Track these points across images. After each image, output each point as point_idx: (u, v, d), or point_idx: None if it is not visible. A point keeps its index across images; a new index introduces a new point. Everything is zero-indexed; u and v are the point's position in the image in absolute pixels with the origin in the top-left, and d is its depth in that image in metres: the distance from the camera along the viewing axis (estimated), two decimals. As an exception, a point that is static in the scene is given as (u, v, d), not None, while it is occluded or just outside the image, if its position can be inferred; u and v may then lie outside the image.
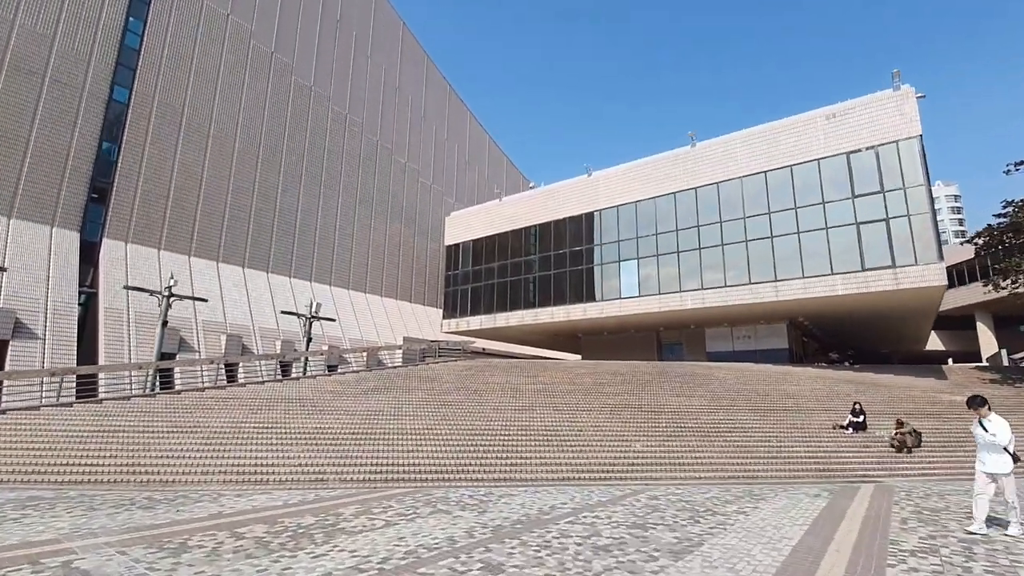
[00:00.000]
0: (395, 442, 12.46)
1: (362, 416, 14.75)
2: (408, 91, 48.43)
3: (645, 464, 11.84)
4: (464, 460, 11.48)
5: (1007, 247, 22.42)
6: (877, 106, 24.45)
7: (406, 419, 14.61)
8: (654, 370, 24.00)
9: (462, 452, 12.00)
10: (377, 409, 15.58)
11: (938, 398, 20.25)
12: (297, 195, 37.73)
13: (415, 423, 14.19)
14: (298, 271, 37.11)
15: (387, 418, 14.65)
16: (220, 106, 34.28)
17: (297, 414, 14.75)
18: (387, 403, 16.43)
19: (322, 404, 15.96)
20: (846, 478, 11.57)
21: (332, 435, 12.82)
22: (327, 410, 15.29)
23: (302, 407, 15.56)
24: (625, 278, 30.77)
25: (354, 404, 16.10)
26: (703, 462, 12.08)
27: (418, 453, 11.78)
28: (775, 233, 26.19)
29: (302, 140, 38.55)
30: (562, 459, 11.89)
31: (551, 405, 16.97)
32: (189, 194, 32.58)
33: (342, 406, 15.79)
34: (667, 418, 15.85)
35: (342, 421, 14.10)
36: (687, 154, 29.77)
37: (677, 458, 12.30)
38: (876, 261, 23.28)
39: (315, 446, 12.00)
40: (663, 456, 12.42)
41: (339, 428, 13.40)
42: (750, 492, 9.78)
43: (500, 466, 11.28)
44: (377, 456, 11.45)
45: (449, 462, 11.32)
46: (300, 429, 13.24)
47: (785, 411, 17.36)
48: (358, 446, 12.05)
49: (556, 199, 34.92)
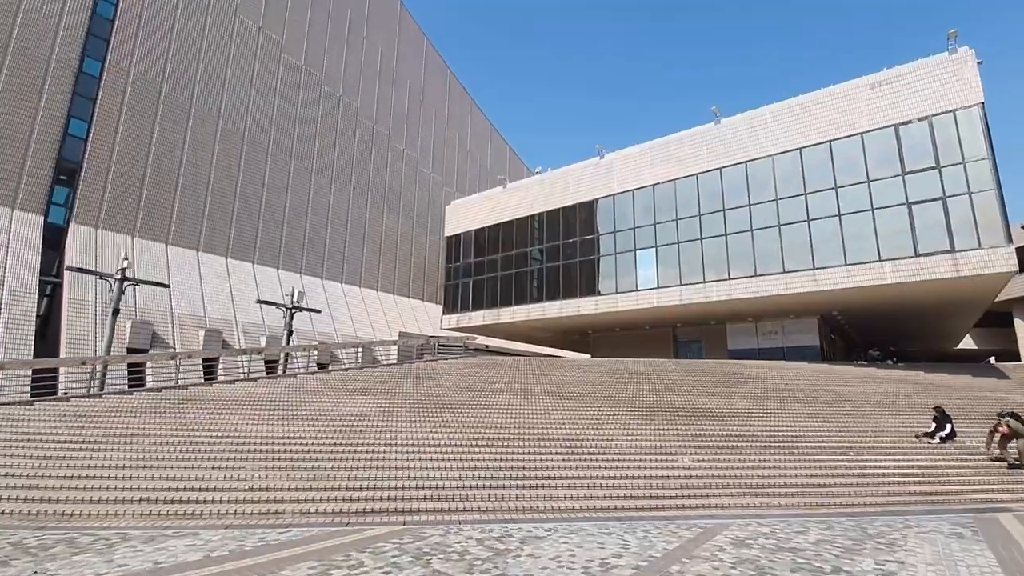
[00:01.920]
0: (381, 457, 9.81)
1: (343, 423, 12.10)
2: (406, 74, 45.80)
3: (701, 485, 9.19)
4: (469, 482, 8.83)
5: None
6: (930, 72, 21.77)
7: (397, 426, 11.95)
8: (679, 368, 21.36)
9: (466, 470, 9.35)
10: (363, 414, 12.93)
11: (1012, 400, 17.56)
12: (286, 180, 35.09)
13: (408, 431, 11.53)
14: (287, 262, 34.47)
15: (374, 425, 11.99)
16: (203, 83, 31.66)
17: (264, 420, 12.10)
18: (376, 406, 13.78)
19: (298, 407, 13.32)
20: (964, 504, 8.92)
21: (301, 448, 10.16)
22: (302, 415, 12.64)
23: (272, 411, 12.91)
24: (642, 268, 28.08)
25: (336, 407, 13.45)
26: (773, 483, 9.43)
27: (410, 472, 9.13)
28: (812, 216, 23.51)
29: (292, 121, 35.93)
30: (594, 479, 9.24)
31: (569, 409, 14.32)
32: (167, 178, 29.96)
33: (321, 410, 13.14)
34: (710, 424, 13.20)
35: (318, 429, 11.45)
36: (711, 132, 27.10)
37: (739, 477, 9.65)
38: (932, 245, 20.60)
39: (276, 463, 9.34)
40: (720, 474, 9.76)
41: (312, 438, 10.75)
42: (861, 529, 7.13)
43: (516, 490, 8.63)
44: (356, 477, 8.80)
45: (449, 484, 8.67)
46: (262, 440, 10.58)
47: (847, 416, 14.70)
48: (333, 463, 9.39)
49: (565, 184, 32.25)
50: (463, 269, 36.74)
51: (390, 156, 43.37)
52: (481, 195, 38.57)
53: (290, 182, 35.28)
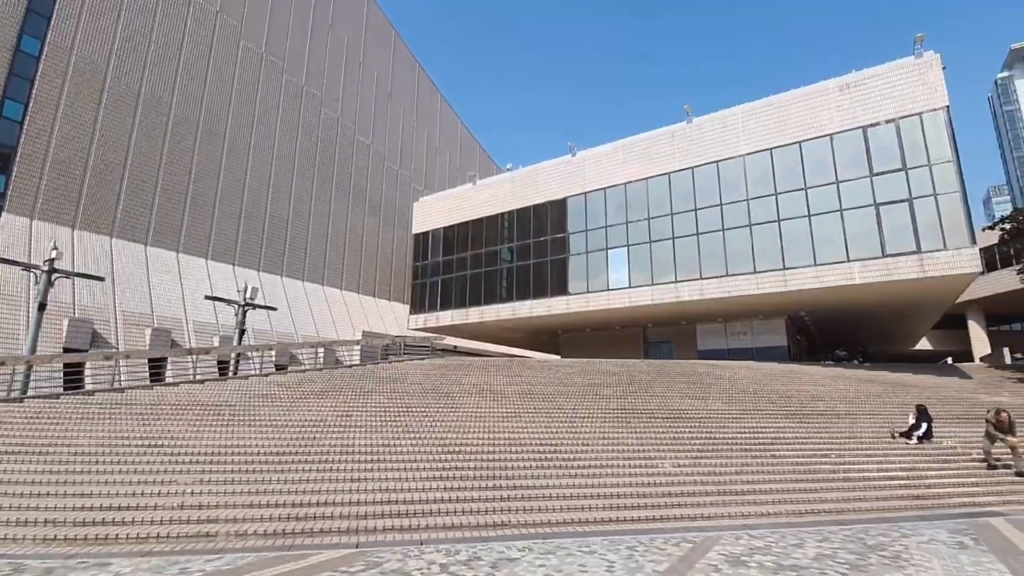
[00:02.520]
0: (335, 467, 8.83)
1: (296, 429, 11.03)
2: (373, 67, 44.42)
3: (685, 492, 8.56)
4: (434, 494, 7.96)
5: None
6: (897, 75, 22.04)
7: (356, 432, 10.96)
8: (651, 369, 20.92)
9: (431, 480, 8.48)
10: (319, 419, 11.87)
11: (978, 399, 17.75)
12: (244, 172, 33.33)
13: (367, 438, 10.56)
14: (244, 258, 32.72)
15: (330, 431, 10.97)
16: (153, 68, 29.71)
17: (206, 427, 10.92)
18: (333, 410, 12.73)
19: (246, 412, 12.15)
20: (953, 509, 8.57)
21: (244, 458, 9.09)
22: (249, 421, 11.50)
23: (217, 416, 11.72)
24: (614, 268, 27.67)
25: (289, 412, 12.34)
26: (759, 489, 8.89)
27: (367, 484, 8.20)
28: (782, 216, 23.52)
29: (251, 111, 34.19)
30: (571, 488, 8.51)
31: (542, 411, 13.58)
32: (112, 167, 27.93)
33: (272, 415, 12.01)
34: (687, 426, 12.67)
35: (265, 436, 10.36)
36: (682, 131, 26.92)
37: (723, 483, 9.08)
38: (899, 246, 20.79)
39: (214, 476, 8.26)
40: (704, 479, 9.17)
41: (258, 447, 9.67)
42: (859, 540, 6.60)
43: (486, 502, 7.81)
44: (304, 491, 7.81)
45: (412, 497, 7.79)
46: (200, 449, 9.45)
47: (822, 416, 14.42)
48: (279, 475, 8.38)
49: (537, 182, 31.63)
50: (431, 268, 35.69)
51: (356, 151, 41.92)
52: (450, 192, 37.61)
53: (248, 174, 33.54)
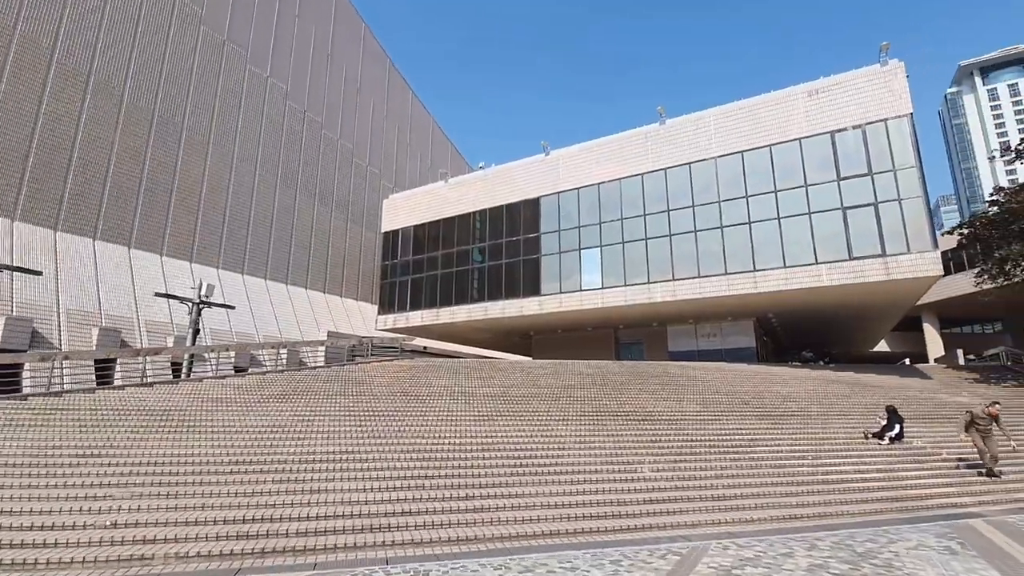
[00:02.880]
0: (293, 477, 8.14)
1: (251, 435, 10.24)
2: (342, 59, 43.22)
3: (666, 499, 8.22)
4: (401, 505, 7.38)
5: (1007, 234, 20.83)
6: (863, 82, 22.50)
7: (317, 438, 10.25)
8: (624, 370, 20.74)
9: (399, 490, 7.88)
10: (277, 424, 11.10)
11: (940, 399, 18.16)
12: (203, 164, 31.79)
13: (329, 444, 9.88)
14: (202, 255, 31.19)
15: (289, 437, 10.23)
16: (105, 50, 28.00)
17: (150, 434, 10.03)
18: (294, 415, 11.95)
19: (196, 418, 11.26)
20: (933, 511, 8.47)
21: (191, 468, 8.30)
22: (200, 427, 10.64)
23: (164, 423, 10.81)
24: (587, 268, 27.46)
25: (244, 417, 11.51)
26: (741, 493, 8.62)
27: (327, 496, 7.55)
28: (753, 219, 23.72)
29: (211, 101, 32.67)
30: (549, 495, 8.04)
31: (515, 414, 13.11)
32: (58, 154, 26.14)
33: (226, 420, 11.16)
34: (664, 429, 12.40)
35: (216, 444, 9.56)
36: (656, 132, 26.93)
37: (704, 487, 8.79)
38: (865, 249, 21.18)
39: (155, 489, 7.47)
40: (684, 484, 8.86)
41: (207, 456, 8.87)
42: (848, 548, 6.34)
43: (458, 513, 7.27)
44: (257, 504, 7.12)
45: (376, 510, 7.18)
46: (141, 459, 8.60)
47: (794, 417, 14.41)
48: (229, 487, 7.64)
49: (509, 181, 31.19)
50: (400, 267, 34.83)
51: (323, 145, 40.65)
52: (421, 189, 36.81)
53: (207, 167, 32.00)
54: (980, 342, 46.36)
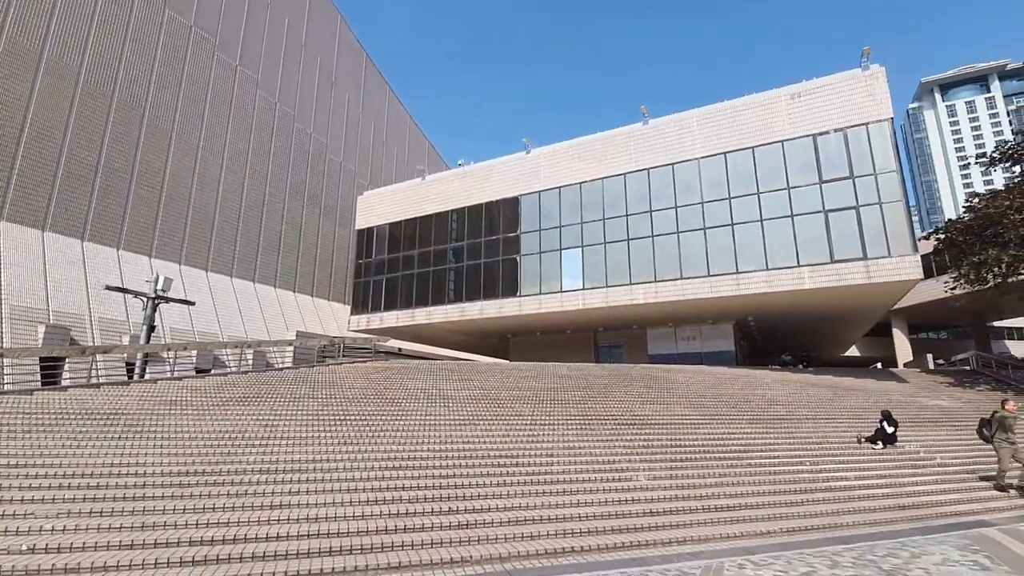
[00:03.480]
0: (251, 489, 7.20)
1: (206, 442, 9.21)
2: (316, 51, 41.85)
3: (668, 510, 7.57)
4: (375, 522, 6.53)
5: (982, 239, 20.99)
6: (845, 86, 22.54)
7: (281, 445, 9.29)
8: (606, 373, 20.20)
9: (372, 504, 7.03)
10: (236, 429, 10.07)
11: (921, 403, 18.11)
12: (166, 154, 30.13)
13: (296, 451, 8.93)
14: (163, 250, 29.50)
15: (249, 445, 9.23)
16: (59, 31, 26.20)
17: (90, 441, 8.91)
18: (256, 420, 10.92)
19: (146, 423, 10.14)
20: (944, 520, 8.04)
21: (132, 481, 7.28)
22: (149, 433, 9.54)
23: (107, 428, 9.68)
24: (568, 268, 26.89)
25: (200, 422, 10.44)
26: (745, 503, 8.04)
27: (290, 512, 6.65)
28: (736, 220, 23.52)
29: (175, 89, 31.02)
30: (541, 508, 7.30)
31: (498, 418, 12.33)
32: (3, 139, 24.29)
33: (177, 426, 10.08)
34: (655, 433, 11.80)
35: (166, 453, 8.52)
36: (639, 132, 26.57)
37: (705, 496, 8.17)
38: (846, 252, 21.14)
39: (87, 506, 6.45)
40: (684, 493, 8.23)
41: (154, 466, 7.84)
42: (870, 562, 5.77)
43: (440, 531, 6.45)
44: (208, 523, 6.17)
45: (346, 528, 6.32)
46: (77, 470, 7.52)
47: (783, 421, 14.01)
48: (176, 502, 6.66)
49: (489, 178, 30.45)
50: (375, 266, 33.68)
51: (295, 139, 39.19)
52: (397, 186, 35.75)
53: (170, 157, 30.33)
54: (944, 347, 47.68)
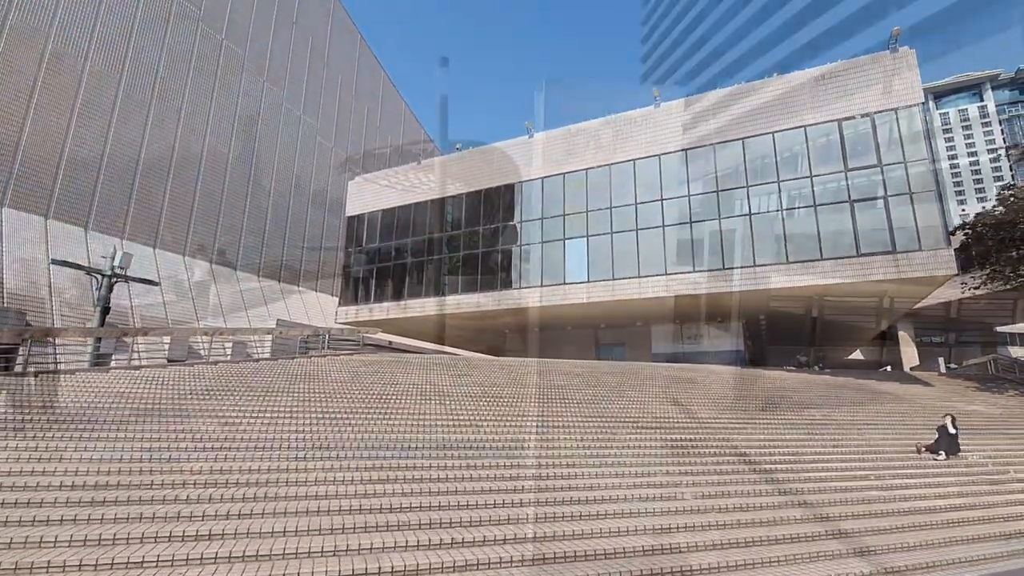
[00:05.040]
0: (188, 511, 5.44)
1: (144, 445, 7.42)
2: (308, 30, 39.88)
3: (737, 541, 5.91)
4: (353, 562, 4.81)
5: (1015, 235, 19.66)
6: (872, 69, 21.04)
7: (239, 450, 7.53)
8: (615, 371, 18.61)
9: (348, 532, 5.30)
10: (186, 429, 8.29)
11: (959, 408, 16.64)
12: (142, 131, 28.09)
13: (260, 459, 7.19)
14: (136, 232, 27.48)
15: (198, 449, 7.47)
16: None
17: (9, 440, 7.10)
18: (215, 417, 9.15)
19: (83, 419, 8.33)
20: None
21: (31, 497, 5.49)
22: (74, 434, 7.73)
23: (22, 427, 7.87)
24: (571, 259, 25.21)
25: (142, 420, 8.64)
26: (827, 531, 6.41)
27: (236, 544, 4.91)
28: (754, 210, 21.99)
29: (154, 60, 28.98)
30: (572, 538, 5.61)
31: (503, 418, 10.64)
32: (-40, 105, 22.22)
33: (114, 423, 8.27)
34: (685, 439, 10.16)
35: (87, 459, 6.73)
36: (651, 115, 24.96)
37: (772, 522, 6.56)
38: (874, 246, 19.65)
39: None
40: (749, 518, 6.60)
41: (65, 477, 6.06)
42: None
43: (441, 573, 4.75)
44: (129, 562, 4.42)
45: (309, 569, 4.59)
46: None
47: (824, 427, 12.44)
48: (109, 522, 4.90)
49: (488, 163, 28.71)
50: (366, 255, 31.81)
51: (283, 121, 37.22)
52: (390, 171, 33.86)
53: (147, 134, 28.29)
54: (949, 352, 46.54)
